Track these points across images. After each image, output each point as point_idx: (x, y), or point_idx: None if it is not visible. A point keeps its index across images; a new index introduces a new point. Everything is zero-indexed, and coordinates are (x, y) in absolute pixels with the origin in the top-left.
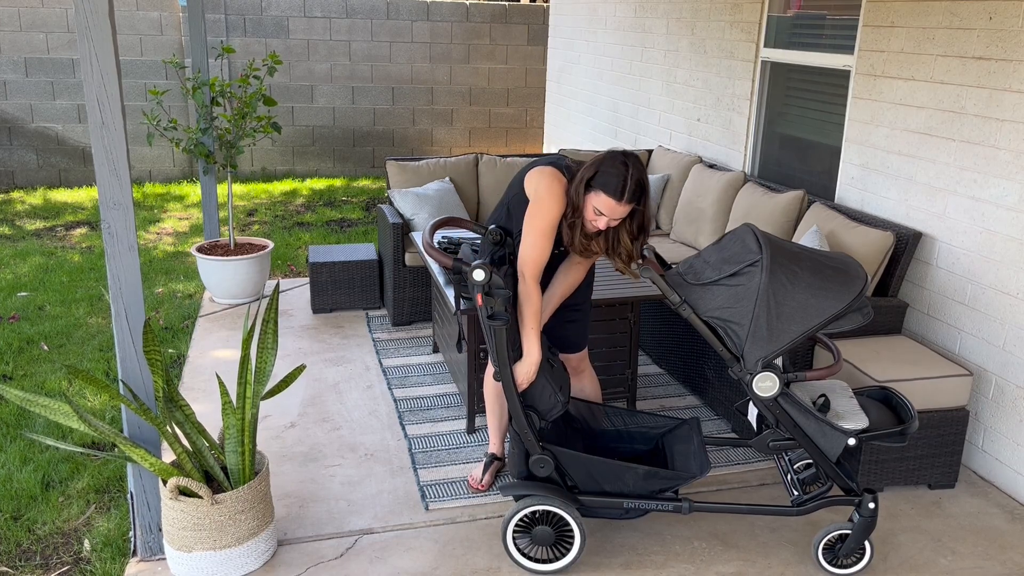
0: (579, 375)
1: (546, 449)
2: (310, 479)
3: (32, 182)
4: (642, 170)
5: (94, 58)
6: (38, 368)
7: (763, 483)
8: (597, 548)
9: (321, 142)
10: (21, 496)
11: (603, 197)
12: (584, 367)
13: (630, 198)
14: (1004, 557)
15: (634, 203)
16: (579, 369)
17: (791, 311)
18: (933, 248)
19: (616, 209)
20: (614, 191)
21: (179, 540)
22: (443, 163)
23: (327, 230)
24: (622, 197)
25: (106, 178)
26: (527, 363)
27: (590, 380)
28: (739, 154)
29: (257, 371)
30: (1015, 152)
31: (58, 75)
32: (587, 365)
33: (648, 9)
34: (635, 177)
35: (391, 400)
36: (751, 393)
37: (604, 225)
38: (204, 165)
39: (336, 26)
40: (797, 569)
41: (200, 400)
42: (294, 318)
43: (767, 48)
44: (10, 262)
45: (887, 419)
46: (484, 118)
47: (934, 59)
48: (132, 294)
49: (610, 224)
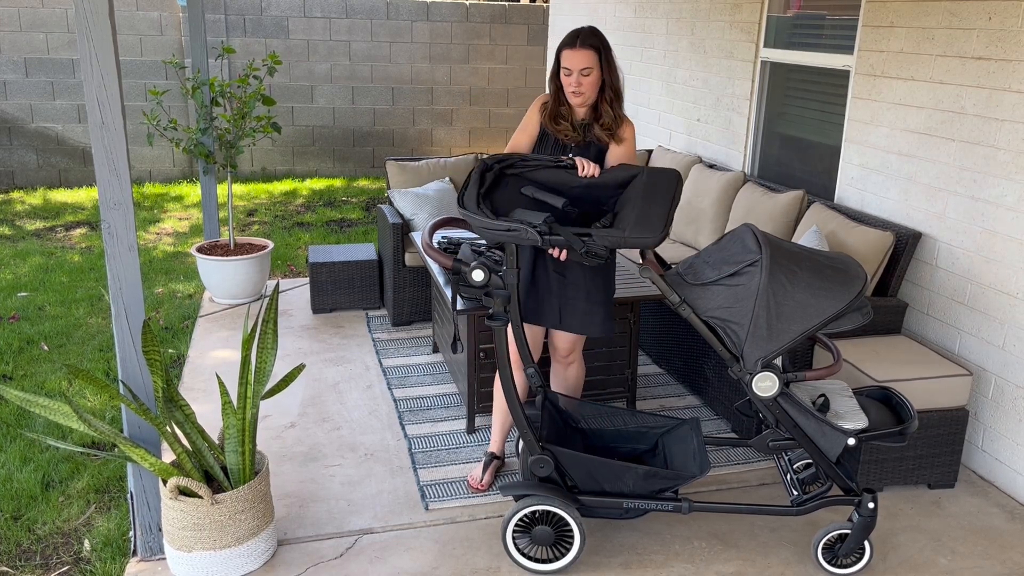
0: (568, 364)
1: (546, 449)
2: (310, 479)
3: (32, 182)
4: (597, 32)
5: (94, 58)
6: (38, 368)
7: (763, 483)
8: (597, 548)
9: (321, 142)
10: (21, 496)
11: (564, 52)
12: (574, 358)
13: (583, 42)
14: (1004, 557)
15: (588, 47)
16: (569, 359)
17: (791, 311)
18: (933, 248)
19: (574, 57)
20: (569, 40)
21: (179, 540)
22: (443, 163)
23: (327, 230)
24: (574, 42)
25: (106, 178)
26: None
27: (576, 370)
28: (739, 154)
29: (257, 371)
30: (1015, 152)
31: (58, 75)
32: (577, 356)
33: (648, 9)
34: (587, 28)
35: (391, 400)
36: (751, 393)
37: (576, 83)
38: (204, 165)
39: (336, 26)
40: (797, 569)
41: (200, 400)
42: (294, 318)
43: (767, 48)
44: (10, 262)
45: (887, 419)
46: (484, 118)
47: (934, 59)
48: (132, 294)
49: (581, 82)
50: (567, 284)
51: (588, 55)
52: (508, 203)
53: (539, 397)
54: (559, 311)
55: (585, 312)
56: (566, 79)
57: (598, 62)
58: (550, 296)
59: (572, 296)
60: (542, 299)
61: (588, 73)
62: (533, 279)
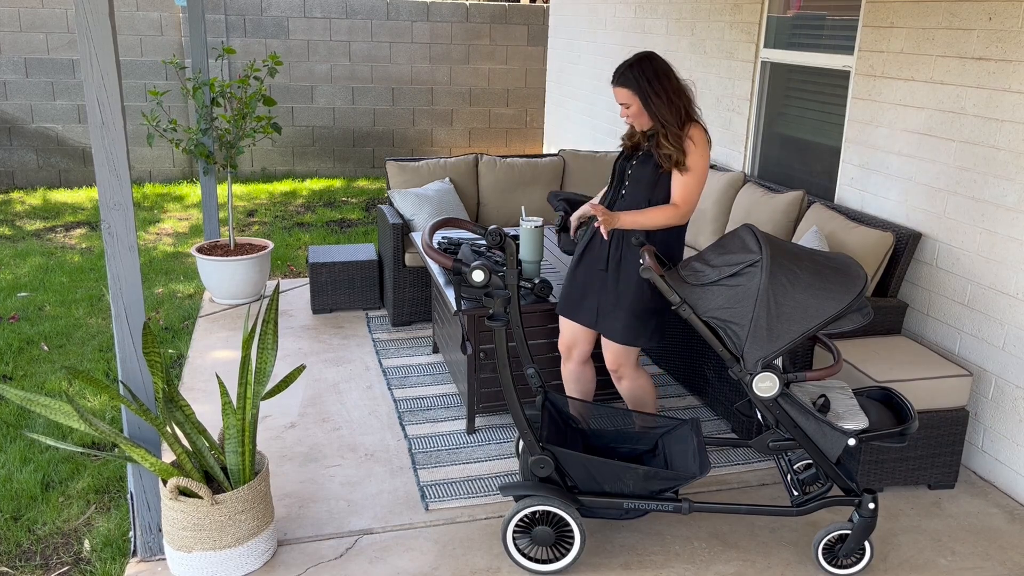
0: (618, 379)
1: (546, 449)
2: (310, 479)
3: (32, 182)
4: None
5: (94, 58)
6: (38, 368)
7: (763, 483)
8: (597, 548)
9: (321, 142)
10: (21, 496)
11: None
12: (621, 373)
13: (616, 79)
14: (1004, 557)
15: (620, 85)
16: (617, 374)
17: (791, 311)
18: (933, 248)
19: (615, 93)
20: (612, 76)
21: (179, 540)
22: (443, 163)
23: (327, 230)
24: (613, 78)
25: (106, 178)
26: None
27: (627, 386)
28: (739, 154)
29: (257, 371)
30: (1015, 152)
31: (58, 75)
32: (626, 372)
33: (648, 9)
34: (626, 63)
35: (391, 400)
36: (751, 393)
37: (626, 116)
38: (204, 165)
39: (336, 26)
40: (797, 569)
41: (200, 400)
42: (294, 318)
43: (767, 48)
44: (10, 262)
45: (887, 419)
46: (484, 118)
47: (934, 59)
48: (132, 294)
49: (629, 115)
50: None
51: (622, 92)
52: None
53: (539, 397)
54: (596, 311)
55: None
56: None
57: (636, 97)
58: (591, 295)
59: (604, 298)
60: (582, 296)
61: (628, 108)
62: (575, 272)
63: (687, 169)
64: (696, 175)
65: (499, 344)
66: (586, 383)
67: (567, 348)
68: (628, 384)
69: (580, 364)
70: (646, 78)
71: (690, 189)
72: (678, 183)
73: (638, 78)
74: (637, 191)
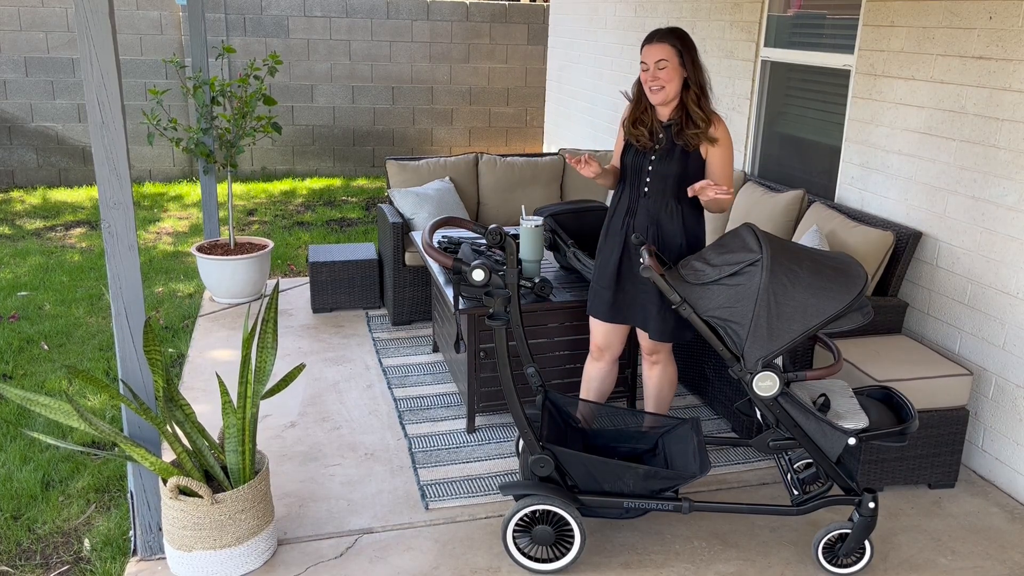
0: (652, 364)
1: (546, 448)
2: (310, 479)
3: (32, 182)
4: (678, 30)
5: (94, 58)
6: (38, 368)
7: (763, 483)
8: (597, 548)
9: (321, 142)
10: (21, 495)
11: (643, 49)
12: (658, 358)
13: (660, 37)
14: (1004, 557)
15: (664, 42)
16: (653, 359)
17: (791, 311)
18: (933, 248)
19: (651, 51)
20: (648, 37)
21: (179, 539)
22: (443, 163)
23: (327, 230)
24: (652, 38)
25: (106, 178)
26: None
27: (659, 372)
28: (739, 153)
29: (257, 370)
30: (1015, 152)
31: (58, 75)
32: (662, 358)
33: (648, 9)
34: (668, 28)
35: (391, 400)
36: (751, 393)
37: (652, 77)
38: (204, 165)
39: (336, 26)
40: (797, 568)
41: (200, 400)
42: (294, 318)
43: (767, 48)
44: (10, 262)
45: (887, 419)
46: (484, 118)
47: (934, 59)
48: (132, 293)
49: (657, 76)
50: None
51: (663, 48)
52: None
53: (539, 397)
54: (646, 315)
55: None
56: (644, 75)
57: (675, 55)
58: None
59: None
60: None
61: (664, 66)
62: (619, 279)
63: (716, 139)
64: (727, 148)
65: (499, 343)
66: (609, 383)
67: (601, 350)
68: (661, 370)
69: (610, 364)
70: (684, 42)
71: (728, 167)
72: (716, 165)
73: (683, 40)
74: (664, 186)
